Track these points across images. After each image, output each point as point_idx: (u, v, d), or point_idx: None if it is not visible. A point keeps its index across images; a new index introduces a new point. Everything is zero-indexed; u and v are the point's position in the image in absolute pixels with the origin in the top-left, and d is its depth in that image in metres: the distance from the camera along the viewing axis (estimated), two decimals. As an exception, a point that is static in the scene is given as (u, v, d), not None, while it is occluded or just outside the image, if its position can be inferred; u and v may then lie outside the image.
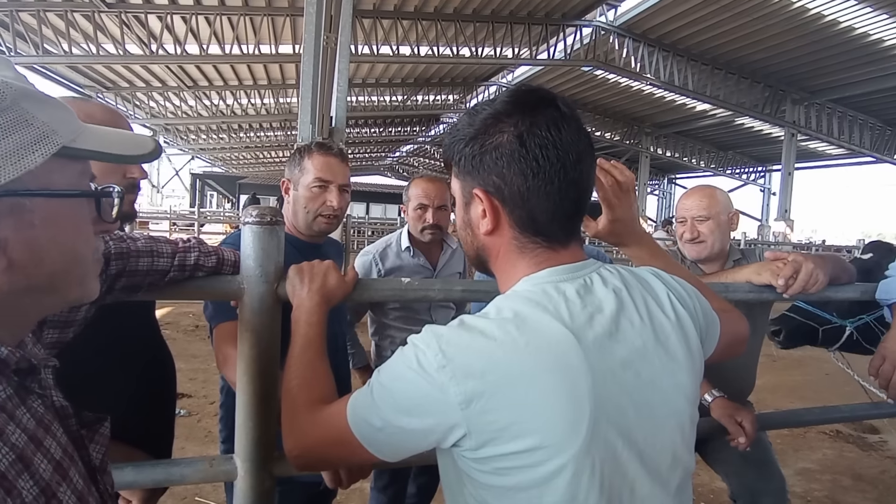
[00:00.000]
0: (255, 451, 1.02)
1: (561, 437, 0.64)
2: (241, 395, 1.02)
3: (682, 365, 0.75)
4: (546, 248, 0.75)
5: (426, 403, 0.67)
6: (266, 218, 0.98)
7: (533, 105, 0.72)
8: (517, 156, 0.71)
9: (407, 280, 1.09)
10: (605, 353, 0.69)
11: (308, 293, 0.98)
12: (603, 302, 0.72)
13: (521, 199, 0.72)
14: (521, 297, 0.71)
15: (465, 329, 0.69)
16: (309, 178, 1.48)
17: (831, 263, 1.37)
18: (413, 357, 0.68)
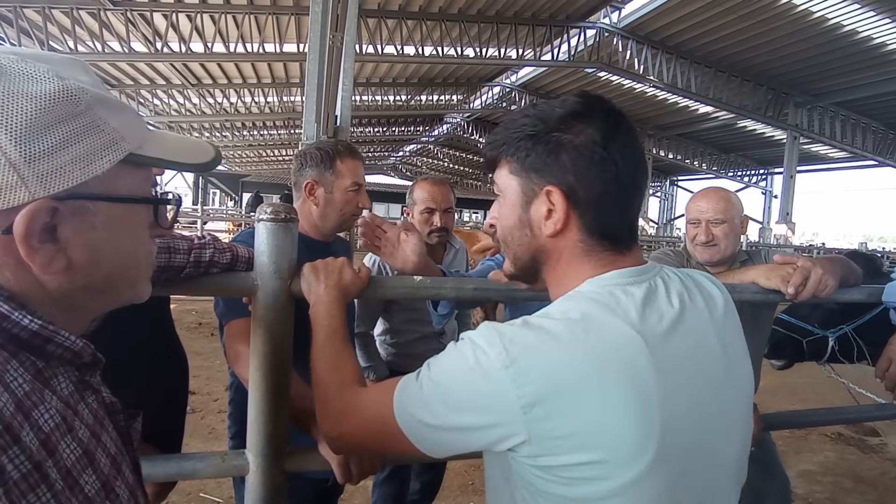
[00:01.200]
0: (267, 446, 1.03)
1: (629, 451, 0.61)
2: (253, 390, 1.03)
3: (743, 373, 0.74)
4: (612, 251, 0.73)
5: (484, 404, 0.64)
6: (281, 215, 1.00)
7: (608, 112, 0.72)
8: (598, 158, 0.69)
9: (419, 278, 1.10)
10: (675, 359, 0.66)
11: (325, 289, 0.98)
12: (669, 306, 0.70)
13: (595, 201, 0.71)
14: (588, 298, 0.68)
15: (531, 328, 0.65)
16: (347, 182, 1.54)
17: (839, 266, 1.37)
18: (471, 354, 0.65)
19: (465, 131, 25.39)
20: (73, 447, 0.48)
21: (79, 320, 0.57)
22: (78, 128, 0.50)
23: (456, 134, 26.35)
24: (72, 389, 0.52)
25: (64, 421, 0.48)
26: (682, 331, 0.68)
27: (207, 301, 7.15)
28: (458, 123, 25.15)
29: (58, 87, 0.49)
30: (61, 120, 0.49)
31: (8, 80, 0.47)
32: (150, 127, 0.60)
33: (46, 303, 0.52)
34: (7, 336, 0.48)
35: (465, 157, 32.92)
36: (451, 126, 25.77)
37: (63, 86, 0.49)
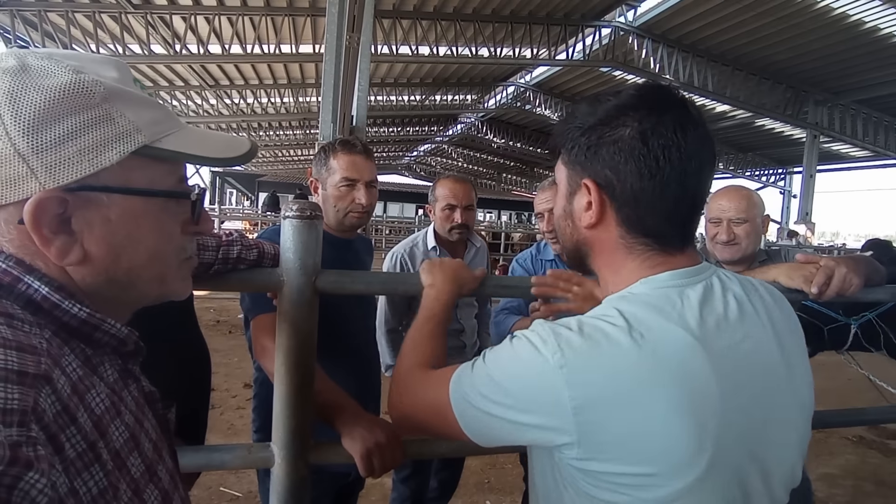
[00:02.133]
0: (291, 439, 1.06)
1: (681, 460, 0.60)
2: (278, 385, 1.05)
3: (802, 377, 0.72)
4: (658, 250, 0.71)
5: (536, 401, 0.64)
6: (306, 212, 1.01)
7: (661, 102, 0.68)
8: (637, 153, 0.67)
9: (534, 277, 1.13)
10: (734, 362, 0.65)
11: (443, 278, 1.04)
12: (727, 308, 0.68)
13: (632, 199, 0.69)
14: (642, 302, 0.67)
15: (587, 330, 0.65)
16: (336, 178, 1.51)
17: (864, 265, 1.35)
18: (527, 351, 0.65)
19: (479, 131, 25.34)
20: (121, 430, 0.50)
21: (116, 313, 0.57)
22: (89, 119, 0.50)
23: (470, 134, 26.31)
24: (116, 377, 0.54)
25: (112, 405, 0.50)
26: (741, 333, 0.67)
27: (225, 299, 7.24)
28: (472, 123, 25.12)
29: (70, 80, 0.49)
30: (71, 111, 0.49)
31: (27, 76, 0.48)
32: (183, 123, 0.59)
33: (83, 294, 0.53)
34: (59, 324, 0.50)
35: (480, 157, 32.87)
36: (466, 126, 25.74)
37: (77, 79, 0.50)
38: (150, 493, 0.52)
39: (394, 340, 2.14)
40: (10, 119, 0.47)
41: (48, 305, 0.49)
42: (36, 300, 0.49)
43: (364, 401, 1.54)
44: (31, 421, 0.40)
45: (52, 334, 0.48)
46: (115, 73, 0.55)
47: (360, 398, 1.51)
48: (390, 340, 2.14)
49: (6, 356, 0.41)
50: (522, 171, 35.12)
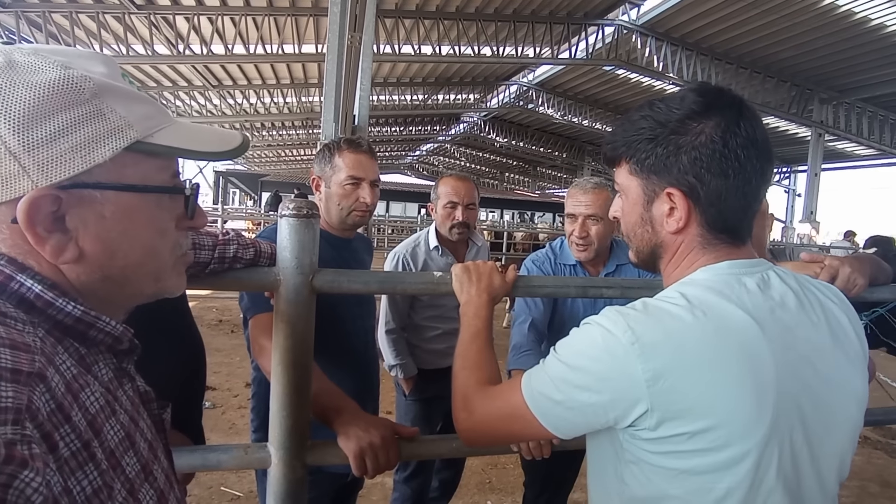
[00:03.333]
0: (288, 439, 1.05)
1: (745, 424, 0.65)
2: (275, 384, 1.05)
3: (857, 370, 0.75)
4: (729, 244, 0.76)
5: (611, 379, 0.68)
6: (303, 211, 1.01)
7: (727, 104, 0.73)
8: (718, 155, 0.71)
9: (567, 277, 1.13)
10: (788, 347, 0.69)
11: (476, 291, 1.05)
12: (783, 297, 0.73)
13: (717, 198, 0.73)
14: (703, 286, 0.72)
15: (652, 309, 0.70)
16: (342, 176, 1.50)
17: (868, 264, 1.34)
18: (598, 334, 0.70)
19: (481, 130, 25.32)
20: (116, 429, 0.49)
21: (111, 311, 0.56)
22: (79, 115, 0.49)
23: (473, 133, 26.30)
24: (111, 376, 0.54)
25: (107, 404, 0.50)
26: (796, 321, 0.72)
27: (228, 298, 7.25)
28: (474, 122, 25.10)
29: (60, 76, 0.49)
30: (62, 108, 0.48)
31: (14, 72, 0.47)
32: (174, 117, 0.59)
33: (76, 292, 0.53)
34: (52, 322, 0.49)
35: (482, 157, 32.86)
36: (468, 125, 25.72)
37: (66, 74, 0.49)
38: (145, 492, 0.51)
39: (395, 341, 2.14)
40: (0, 117, 0.46)
41: (41, 304, 0.49)
42: (29, 298, 0.48)
43: (363, 401, 1.54)
44: (25, 419, 0.39)
45: (45, 333, 0.48)
46: (103, 69, 0.53)
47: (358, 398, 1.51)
48: (392, 341, 2.13)
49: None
50: (525, 170, 35.08)
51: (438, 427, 2.26)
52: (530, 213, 29.16)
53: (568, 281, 1.15)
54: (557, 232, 14.09)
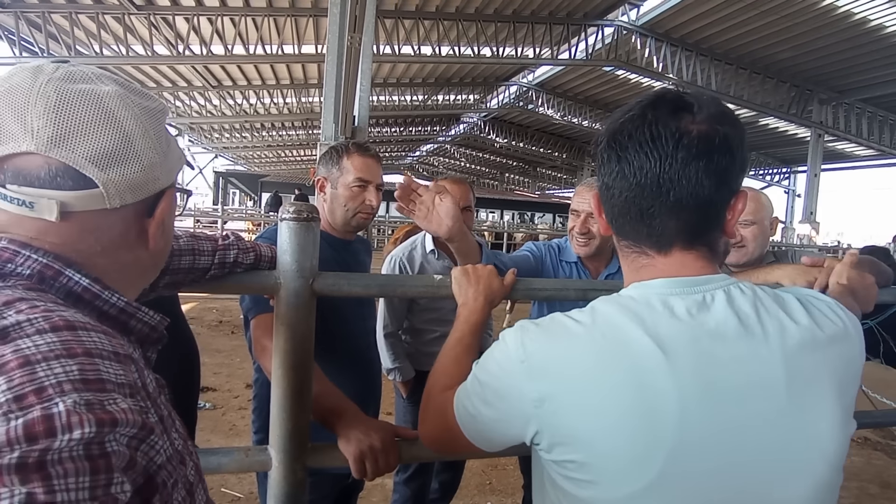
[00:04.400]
0: (288, 442, 1.05)
1: (624, 465, 0.59)
2: (275, 388, 1.05)
3: (825, 419, 0.63)
4: (650, 258, 0.71)
5: (505, 396, 0.68)
6: (303, 215, 1.01)
7: (641, 113, 0.68)
8: (616, 169, 0.70)
9: (567, 279, 1.12)
10: (708, 383, 0.60)
11: (474, 294, 1.04)
12: (719, 323, 0.63)
13: (619, 211, 0.72)
14: (620, 304, 0.67)
15: (553, 326, 0.68)
16: (350, 178, 1.52)
17: (868, 266, 1.34)
18: (500, 350, 0.70)
19: (481, 131, 25.35)
20: (161, 408, 0.51)
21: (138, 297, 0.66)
22: (168, 131, 0.62)
23: (473, 133, 26.32)
24: (142, 364, 0.55)
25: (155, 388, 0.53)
26: (730, 355, 0.62)
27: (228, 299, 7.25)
28: (474, 123, 25.13)
29: (161, 104, 0.62)
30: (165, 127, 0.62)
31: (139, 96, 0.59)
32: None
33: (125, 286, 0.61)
34: (98, 313, 0.54)
35: (482, 157, 32.89)
36: (468, 126, 25.75)
37: (161, 103, 0.62)
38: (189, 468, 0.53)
39: (393, 345, 2.14)
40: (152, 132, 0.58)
41: (89, 296, 0.53)
42: (77, 291, 0.53)
43: (364, 402, 1.54)
44: (137, 392, 0.46)
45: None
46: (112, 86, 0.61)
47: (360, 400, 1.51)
48: (390, 345, 2.13)
49: (101, 340, 0.46)
50: (525, 170, 35.12)
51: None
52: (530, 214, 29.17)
53: (568, 283, 1.15)
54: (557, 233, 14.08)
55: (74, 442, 0.38)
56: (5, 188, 0.51)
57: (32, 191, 0.51)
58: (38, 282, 0.51)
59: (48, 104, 0.51)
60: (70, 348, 0.43)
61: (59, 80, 0.53)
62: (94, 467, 0.38)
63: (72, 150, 0.52)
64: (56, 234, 0.53)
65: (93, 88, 0.54)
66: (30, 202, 0.51)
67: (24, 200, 0.51)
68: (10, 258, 0.51)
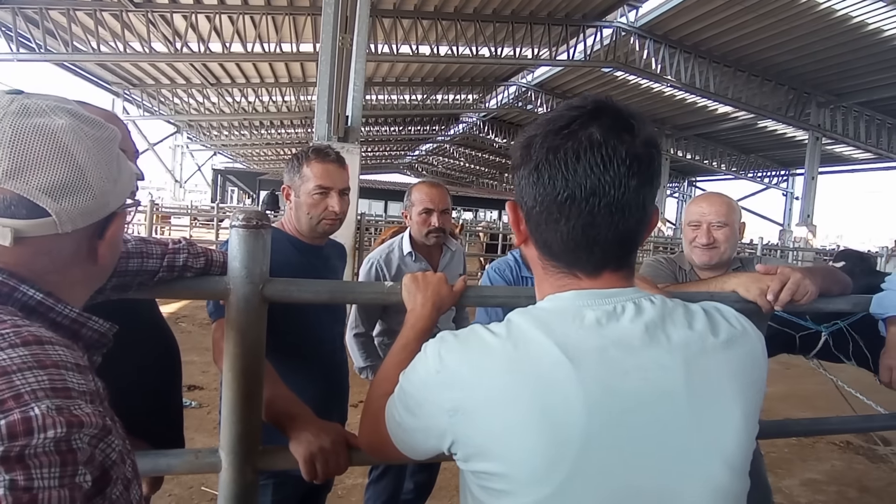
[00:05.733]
0: (238, 444, 1.06)
1: (531, 474, 0.61)
2: (226, 391, 1.06)
3: (725, 423, 0.65)
4: (567, 273, 0.71)
5: (423, 406, 0.69)
6: (252, 222, 1.02)
7: (565, 126, 0.67)
8: (531, 180, 0.69)
9: (520, 287, 1.13)
10: (612, 390, 0.62)
11: (422, 300, 1.06)
12: (626, 333, 0.65)
13: (535, 223, 0.71)
14: (533, 315, 0.68)
15: (469, 337, 0.69)
16: (310, 186, 1.51)
17: (821, 275, 1.35)
18: (421, 361, 0.71)
19: (480, 131, 25.36)
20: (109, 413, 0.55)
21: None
22: (120, 157, 0.66)
23: (472, 133, 26.33)
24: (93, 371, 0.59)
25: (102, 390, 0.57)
26: (635, 363, 0.64)
27: (220, 298, 7.27)
28: (473, 123, 25.14)
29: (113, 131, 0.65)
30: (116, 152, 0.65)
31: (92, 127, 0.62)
32: None
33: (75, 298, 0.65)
34: (51, 323, 0.59)
35: (481, 157, 32.87)
36: (467, 125, 25.76)
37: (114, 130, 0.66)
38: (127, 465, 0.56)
39: (364, 343, 2.16)
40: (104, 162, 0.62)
41: (43, 309, 0.59)
42: (31, 305, 0.58)
43: (329, 405, 1.55)
44: (96, 398, 0.52)
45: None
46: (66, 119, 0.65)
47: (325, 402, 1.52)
48: (361, 344, 2.15)
49: (64, 353, 0.52)
50: (524, 170, 35.06)
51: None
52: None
53: (520, 291, 1.16)
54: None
55: (49, 440, 0.45)
56: None
57: None
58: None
59: (3, 139, 0.55)
60: (40, 360, 0.49)
61: (13, 114, 0.57)
62: (63, 460, 0.45)
63: (26, 183, 0.55)
64: (11, 256, 0.58)
65: (46, 123, 0.58)
66: None
67: None
68: None
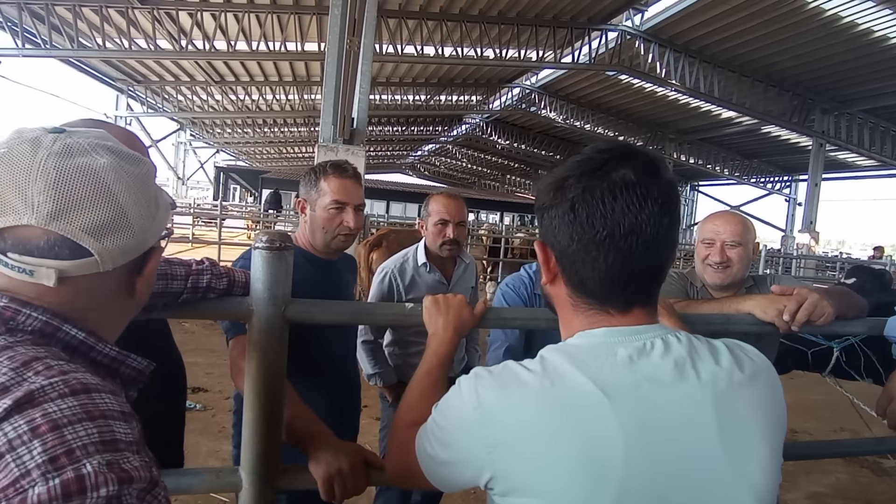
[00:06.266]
0: (259, 464, 1.06)
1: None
2: (247, 411, 1.06)
3: (753, 456, 0.67)
4: (599, 309, 0.73)
5: (460, 441, 0.70)
6: (276, 244, 1.02)
7: (598, 167, 0.71)
8: (567, 219, 0.71)
9: (538, 309, 1.13)
10: (647, 425, 0.64)
11: (443, 324, 1.06)
12: (658, 370, 0.67)
13: (569, 261, 0.73)
14: (567, 352, 0.70)
15: (505, 374, 0.70)
16: (326, 200, 1.53)
17: (838, 297, 1.35)
18: (455, 395, 0.72)
19: (483, 132, 25.32)
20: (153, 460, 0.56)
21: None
22: (157, 190, 0.67)
23: (475, 134, 26.30)
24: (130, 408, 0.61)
25: None
26: (667, 398, 0.66)
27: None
28: (476, 124, 25.10)
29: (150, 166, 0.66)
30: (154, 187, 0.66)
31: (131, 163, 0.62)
32: None
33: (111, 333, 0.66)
34: (91, 362, 0.60)
35: (484, 158, 32.84)
36: (470, 126, 25.72)
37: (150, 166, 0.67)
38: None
39: (373, 350, 2.17)
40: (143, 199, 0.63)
41: (84, 349, 0.60)
42: (73, 344, 0.59)
43: (342, 419, 1.55)
44: (142, 448, 0.52)
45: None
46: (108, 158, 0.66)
47: (338, 417, 1.53)
48: (369, 350, 2.17)
49: (110, 401, 0.52)
50: (526, 172, 35.07)
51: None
52: (530, 216, 29.15)
53: (538, 313, 1.16)
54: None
55: (101, 498, 0.45)
56: (7, 256, 0.56)
57: (32, 260, 0.56)
58: (40, 336, 0.57)
59: (48, 181, 0.55)
60: (89, 412, 0.49)
61: (57, 154, 0.57)
62: None
63: (69, 223, 0.56)
64: (53, 295, 0.58)
65: (89, 162, 0.58)
66: (30, 270, 0.56)
67: (25, 268, 0.56)
68: (12, 316, 0.57)
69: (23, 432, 0.46)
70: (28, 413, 0.47)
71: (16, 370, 0.50)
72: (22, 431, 0.46)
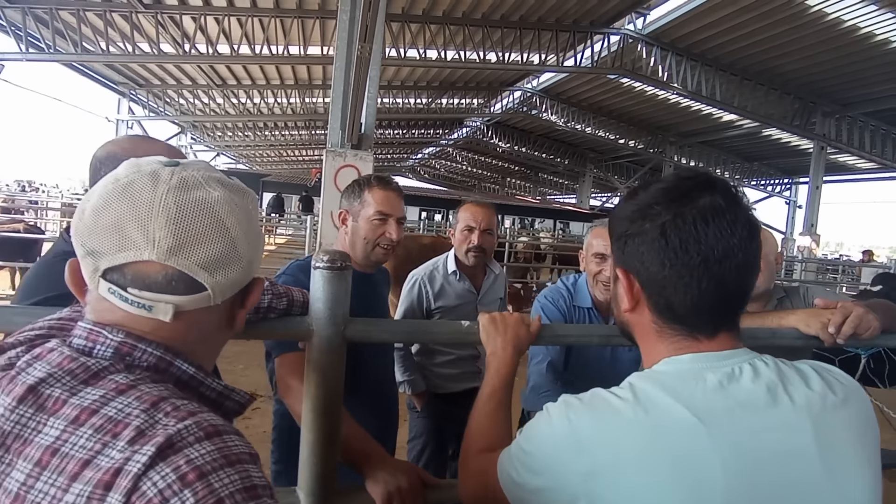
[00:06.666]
0: (317, 485, 1.06)
1: None
2: (306, 432, 1.06)
3: (855, 479, 0.67)
4: (687, 335, 0.74)
5: (551, 468, 0.69)
6: (336, 263, 1.02)
7: (685, 194, 0.72)
8: (657, 245, 0.71)
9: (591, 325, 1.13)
10: (744, 451, 0.63)
11: (502, 344, 1.05)
12: (749, 394, 0.67)
13: (658, 287, 0.73)
14: (656, 380, 0.70)
15: (596, 401, 0.70)
16: (370, 211, 1.55)
17: (882, 311, 1.35)
18: (545, 423, 0.72)
19: (484, 135, 25.33)
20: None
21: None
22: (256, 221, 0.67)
23: (475, 137, 26.31)
24: None
25: None
26: (762, 424, 0.66)
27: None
28: (477, 127, 25.12)
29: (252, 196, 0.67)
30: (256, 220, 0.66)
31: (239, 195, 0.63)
32: None
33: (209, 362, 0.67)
34: (198, 396, 0.60)
35: (484, 161, 32.86)
36: (471, 130, 25.73)
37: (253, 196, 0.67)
38: None
39: (403, 357, 2.18)
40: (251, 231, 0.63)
41: (194, 383, 0.61)
42: (184, 379, 0.60)
43: (383, 435, 1.55)
44: (271, 489, 0.52)
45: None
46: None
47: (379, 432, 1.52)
48: (399, 358, 2.17)
49: (240, 443, 0.52)
50: (527, 175, 35.11)
51: (450, 452, 2.27)
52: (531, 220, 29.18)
53: (591, 330, 1.16)
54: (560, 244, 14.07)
55: None
56: (127, 292, 0.56)
57: (151, 295, 0.57)
58: (156, 372, 0.58)
59: (169, 216, 0.55)
60: (226, 457, 0.50)
61: (176, 188, 0.58)
62: None
63: (187, 259, 0.57)
64: (168, 330, 0.59)
65: (204, 196, 0.59)
66: (149, 305, 0.57)
67: (144, 304, 0.57)
68: (129, 352, 0.57)
69: (172, 482, 0.46)
70: (172, 460, 0.47)
71: (147, 412, 0.50)
72: (171, 481, 0.46)
